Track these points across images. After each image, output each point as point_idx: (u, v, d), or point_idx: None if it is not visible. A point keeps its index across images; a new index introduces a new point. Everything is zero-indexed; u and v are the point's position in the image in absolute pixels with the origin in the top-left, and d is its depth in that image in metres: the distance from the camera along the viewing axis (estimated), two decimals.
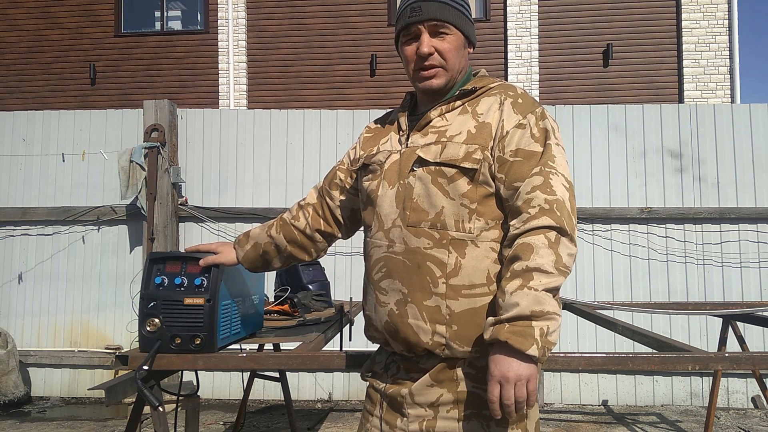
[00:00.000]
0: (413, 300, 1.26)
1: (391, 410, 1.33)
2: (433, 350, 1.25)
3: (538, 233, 1.17)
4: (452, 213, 1.26)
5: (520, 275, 1.15)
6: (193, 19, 8.96)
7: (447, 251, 1.25)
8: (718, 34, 7.96)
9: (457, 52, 1.36)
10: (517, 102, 1.31)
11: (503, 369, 1.13)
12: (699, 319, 4.60)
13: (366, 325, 1.42)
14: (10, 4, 8.90)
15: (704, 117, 4.78)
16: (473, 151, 1.26)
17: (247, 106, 8.44)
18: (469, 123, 1.31)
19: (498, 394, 1.14)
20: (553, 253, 1.16)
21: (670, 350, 1.73)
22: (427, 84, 1.35)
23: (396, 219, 1.31)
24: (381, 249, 1.33)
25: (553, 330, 1.13)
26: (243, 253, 1.61)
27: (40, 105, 8.10)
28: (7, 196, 5.00)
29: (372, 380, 1.42)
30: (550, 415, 4.41)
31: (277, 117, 4.99)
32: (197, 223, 4.86)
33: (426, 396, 1.27)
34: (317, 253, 1.62)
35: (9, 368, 4.56)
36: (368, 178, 1.41)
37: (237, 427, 3.56)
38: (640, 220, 4.72)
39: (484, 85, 1.37)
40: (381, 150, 1.42)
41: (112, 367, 4.67)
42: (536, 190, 1.20)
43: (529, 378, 1.13)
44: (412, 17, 1.34)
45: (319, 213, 1.58)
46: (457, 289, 1.24)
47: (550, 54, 8.20)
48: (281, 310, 2.42)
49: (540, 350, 1.11)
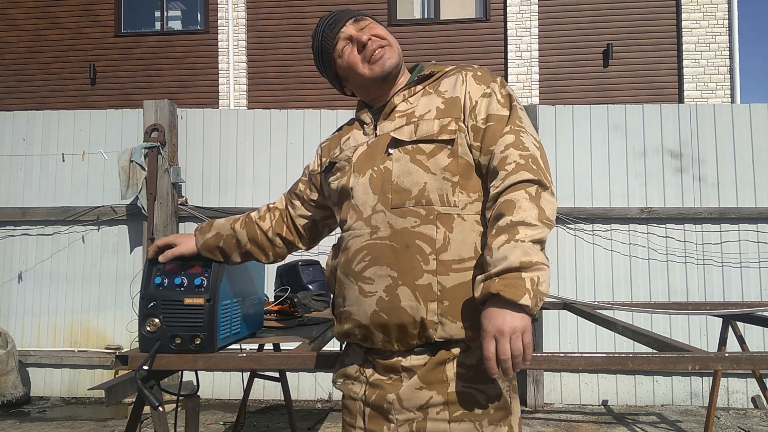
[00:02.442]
0: (405, 282, 1.22)
1: (375, 419, 1.27)
2: (427, 329, 1.21)
3: (518, 188, 1.17)
4: (435, 188, 1.25)
5: (505, 230, 1.13)
6: (193, 19, 8.96)
7: (435, 227, 1.23)
8: (718, 34, 7.96)
9: (389, 34, 1.39)
10: (477, 75, 1.34)
11: (497, 323, 1.10)
12: (699, 319, 4.60)
13: (341, 323, 1.34)
14: (9, 4, 8.90)
15: (704, 117, 4.78)
16: (447, 123, 1.28)
17: (247, 106, 8.44)
18: (435, 101, 1.33)
19: (494, 350, 1.11)
20: (535, 206, 1.15)
21: (670, 350, 1.72)
22: (384, 64, 1.35)
23: (376, 205, 1.28)
24: (362, 238, 1.28)
25: (543, 280, 1.11)
26: (203, 240, 1.60)
27: (39, 105, 8.09)
28: (7, 196, 5.00)
29: (346, 388, 1.36)
30: (550, 415, 4.41)
31: (277, 117, 4.99)
32: (197, 223, 4.86)
33: (415, 400, 1.22)
34: (275, 257, 1.61)
35: (8, 368, 4.56)
36: (336, 177, 1.40)
37: (237, 427, 3.56)
38: (640, 220, 4.72)
39: (439, 69, 1.40)
40: (345, 147, 1.41)
41: (112, 367, 4.67)
42: (509, 148, 1.22)
43: (524, 330, 1.10)
44: (333, 30, 1.39)
45: (284, 219, 1.60)
46: (447, 264, 1.22)
47: (550, 54, 8.20)
48: (281, 310, 2.42)
49: (532, 300, 1.09)
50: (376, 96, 1.43)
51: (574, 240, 4.73)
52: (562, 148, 4.80)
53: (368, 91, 1.42)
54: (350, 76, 1.41)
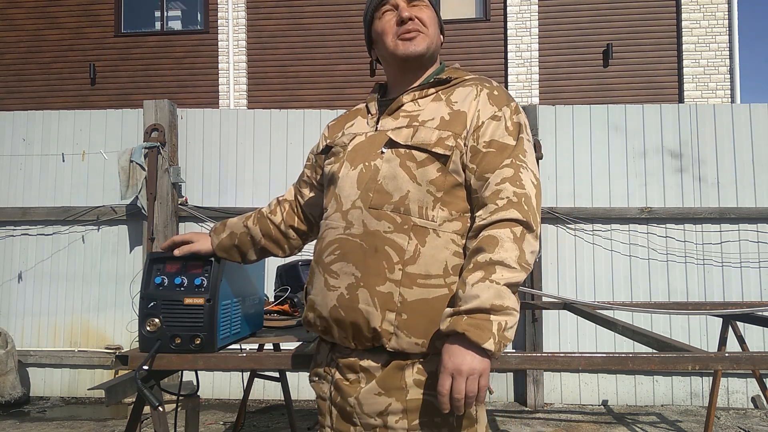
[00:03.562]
0: (366, 285, 1.21)
1: (341, 420, 1.27)
2: (381, 337, 1.20)
3: (504, 226, 1.15)
4: (417, 198, 1.23)
5: (482, 267, 1.12)
6: (192, 19, 8.96)
7: (408, 237, 1.21)
8: (718, 34, 7.97)
9: (433, 25, 1.37)
10: (493, 94, 1.30)
11: (457, 361, 1.09)
12: (699, 319, 4.61)
13: (306, 310, 1.35)
14: (9, 4, 8.90)
15: (704, 117, 4.78)
16: (446, 137, 1.24)
17: (247, 106, 8.44)
18: (443, 110, 1.30)
19: (449, 387, 1.10)
20: (517, 248, 1.13)
21: (670, 350, 1.73)
22: (410, 46, 1.33)
23: (356, 200, 1.26)
24: (336, 231, 1.28)
25: (510, 326, 1.10)
26: (218, 240, 1.60)
27: (39, 105, 8.10)
28: (7, 196, 5.00)
29: (317, 387, 1.36)
30: (550, 415, 4.41)
31: (277, 117, 4.99)
32: (197, 223, 4.86)
33: (374, 406, 1.21)
34: (291, 250, 1.61)
35: (7, 369, 4.55)
36: (331, 161, 1.39)
37: (237, 427, 3.56)
38: (640, 220, 4.72)
39: (458, 76, 1.36)
40: (346, 133, 1.40)
41: (112, 367, 4.67)
42: (506, 182, 1.19)
43: (482, 372, 1.10)
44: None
45: (294, 210, 1.59)
46: (413, 277, 1.19)
47: (549, 54, 8.20)
48: (281, 310, 2.42)
49: (496, 345, 1.08)
50: (393, 75, 1.42)
51: (574, 240, 4.73)
52: (562, 148, 4.80)
53: (388, 65, 1.42)
54: (378, 42, 1.40)
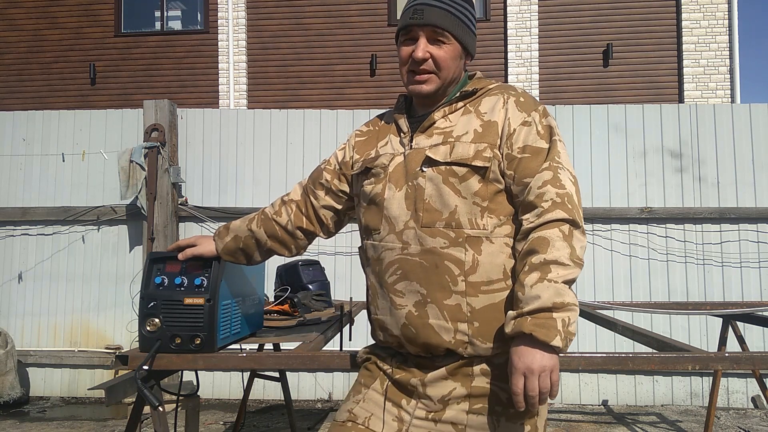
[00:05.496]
0: (433, 300, 1.26)
1: (397, 390, 1.33)
2: (456, 349, 1.25)
3: (552, 226, 1.20)
4: (465, 211, 1.28)
5: (538, 268, 1.17)
6: (193, 19, 8.96)
7: (464, 249, 1.26)
8: (718, 34, 7.96)
9: (451, 62, 1.36)
10: (520, 101, 1.34)
11: (527, 361, 1.14)
12: (699, 319, 4.60)
13: (376, 330, 1.40)
14: (10, 4, 8.90)
15: (704, 117, 4.78)
16: (483, 149, 1.29)
17: (247, 106, 8.44)
18: (474, 122, 1.33)
19: (522, 386, 1.15)
20: (568, 245, 1.20)
21: (670, 350, 1.73)
22: (416, 88, 1.36)
23: (408, 221, 1.31)
24: (394, 252, 1.32)
25: (573, 321, 1.16)
26: (222, 244, 1.60)
27: (39, 105, 8.10)
28: (7, 196, 5.00)
29: (373, 358, 1.41)
30: (550, 415, 4.41)
31: (277, 117, 4.99)
32: (197, 223, 4.86)
33: (438, 389, 1.27)
34: (297, 250, 1.62)
35: (7, 369, 4.55)
36: (371, 181, 1.40)
37: (237, 427, 3.56)
38: (640, 220, 4.71)
39: (483, 86, 1.39)
40: (381, 153, 1.41)
41: (112, 367, 4.66)
42: (547, 185, 1.24)
43: (553, 368, 1.15)
44: (413, 19, 1.34)
45: (303, 211, 1.58)
46: (476, 285, 1.25)
47: (550, 54, 8.20)
48: (281, 310, 2.42)
49: (563, 341, 1.14)
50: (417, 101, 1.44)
51: None
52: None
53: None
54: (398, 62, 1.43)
